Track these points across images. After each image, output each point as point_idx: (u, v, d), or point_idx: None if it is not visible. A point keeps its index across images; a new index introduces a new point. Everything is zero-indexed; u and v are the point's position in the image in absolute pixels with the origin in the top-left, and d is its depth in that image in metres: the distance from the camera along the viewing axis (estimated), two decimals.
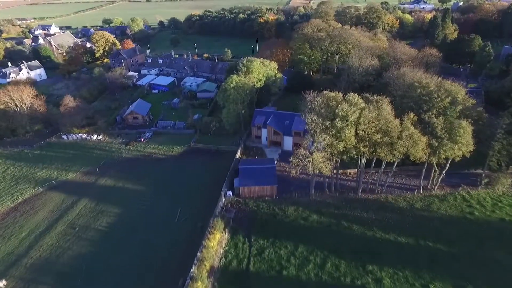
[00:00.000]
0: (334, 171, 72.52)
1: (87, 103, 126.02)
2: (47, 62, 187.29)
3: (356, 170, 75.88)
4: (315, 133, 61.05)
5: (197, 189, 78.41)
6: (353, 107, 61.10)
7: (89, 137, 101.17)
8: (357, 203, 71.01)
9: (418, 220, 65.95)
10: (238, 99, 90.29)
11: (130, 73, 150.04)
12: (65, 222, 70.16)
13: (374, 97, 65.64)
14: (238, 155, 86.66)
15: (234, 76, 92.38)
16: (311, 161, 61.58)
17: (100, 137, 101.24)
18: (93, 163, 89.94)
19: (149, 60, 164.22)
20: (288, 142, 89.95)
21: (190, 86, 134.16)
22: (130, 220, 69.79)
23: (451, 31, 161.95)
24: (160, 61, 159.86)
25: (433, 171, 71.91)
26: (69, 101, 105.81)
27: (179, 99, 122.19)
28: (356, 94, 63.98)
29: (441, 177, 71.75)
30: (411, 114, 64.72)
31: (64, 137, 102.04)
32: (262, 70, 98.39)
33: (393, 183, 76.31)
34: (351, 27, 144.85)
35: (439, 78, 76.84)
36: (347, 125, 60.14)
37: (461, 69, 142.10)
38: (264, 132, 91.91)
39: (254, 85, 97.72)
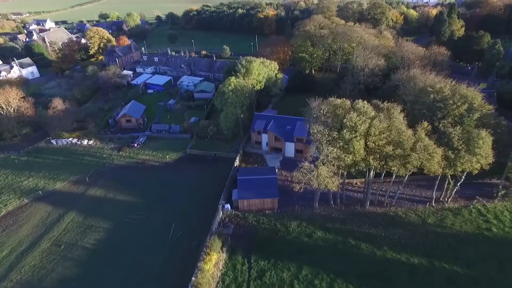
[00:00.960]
0: (340, 181, 67.36)
1: (79, 104, 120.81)
2: (40, 60, 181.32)
3: (363, 180, 70.83)
4: (321, 145, 55.68)
5: (192, 200, 73.28)
6: (362, 116, 55.70)
7: (79, 142, 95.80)
8: (365, 218, 65.93)
9: (432, 238, 60.91)
10: (236, 103, 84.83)
11: (125, 71, 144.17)
12: (50, 238, 65.07)
13: (385, 104, 60.20)
14: (236, 163, 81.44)
15: (233, 78, 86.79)
16: (316, 174, 56.43)
17: (91, 142, 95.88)
18: (83, 171, 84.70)
19: (145, 57, 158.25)
20: (290, 148, 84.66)
21: (187, 86, 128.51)
22: (121, 237, 64.71)
23: (458, 27, 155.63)
24: (156, 59, 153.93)
25: (446, 183, 66.81)
26: (57, 104, 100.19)
27: (175, 100, 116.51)
28: (365, 102, 58.49)
29: (455, 189, 66.64)
30: (425, 123, 59.36)
31: (53, 142, 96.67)
32: (262, 71, 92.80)
33: (403, 195, 71.17)
34: (354, 24, 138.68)
35: (453, 82, 71.29)
36: (356, 136, 54.81)
37: (469, 68, 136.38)
38: (264, 138, 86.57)
39: (254, 87, 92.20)
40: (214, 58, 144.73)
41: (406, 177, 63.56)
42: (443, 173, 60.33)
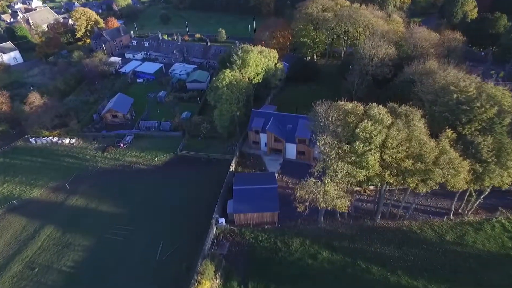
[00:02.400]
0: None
1: (63, 96, 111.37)
2: (23, 43, 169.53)
3: (373, 187, 63.61)
4: (329, 159, 47.69)
5: (183, 211, 65.97)
6: (378, 124, 47.50)
7: (60, 141, 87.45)
8: (376, 234, 58.97)
9: (451, 258, 54.21)
10: (232, 99, 76.03)
11: (112, 58, 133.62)
12: (22, 260, 58.04)
13: (403, 108, 51.75)
14: (232, 167, 73.68)
15: (227, 72, 77.52)
16: (322, 191, 48.81)
17: (73, 141, 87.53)
18: (64, 175, 76.91)
19: (134, 42, 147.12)
20: (291, 150, 76.70)
21: (179, 74, 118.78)
22: (102, 258, 57.68)
23: (471, 8, 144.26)
24: (146, 43, 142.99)
25: (467, 194, 59.53)
26: (34, 99, 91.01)
27: (166, 92, 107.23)
28: (380, 107, 50.00)
29: (477, 202, 59.49)
30: (449, 131, 51.29)
31: (32, 140, 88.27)
32: (260, 62, 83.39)
33: (417, 205, 64.03)
34: (360, 5, 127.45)
35: (478, 77, 62.63)
36: (371, 149, 46.80)
37: (482, 53, 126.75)
38: (263, 138, 78.41)
39: (251, 80, 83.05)
40: (208, 43, 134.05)
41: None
42: (468, 187, 52.86)
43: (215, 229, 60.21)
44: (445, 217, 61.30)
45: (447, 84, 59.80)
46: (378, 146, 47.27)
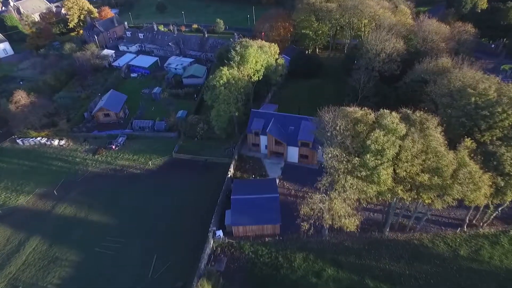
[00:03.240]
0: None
1: (52, 92, 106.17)
2: (14, 34, 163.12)
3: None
4: (337, 174, 43.15)
5: (178, 222, 61.81)
6: (391, 135, 42.81)
7: (49, 143, 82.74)
8: (384, 248, 54.91)
9: (466, 277, 50.30)
10: (230, 99, 71.04)
11: (105, 51, 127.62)
12: (5, 276, 54.16)
13: (417, 115, 46.91)
14: (231, 171, 69.23)
15: (225, 69, 72.25)
16: (327, 208, 44.49)
17: (62, 142, 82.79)
18: (52, 180, 72.53)
19: (128, 33, 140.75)
20: (293, 153, 72.13)
21: (175, 69, 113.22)
22: (91, 276, 53.74)
23: None
24: (141, 35, 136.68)
25: (483, 205, 55.21)
26: (21, 98, 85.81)
27: (161, 88, 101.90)
28: (393, 114, 45.12)
29: (494, 214, 55.33)
30: (468, 140, 46.64)
31: (19, 141, 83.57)
32: (260, 58, 77.96)
33: (429, 215, 59.76)
34: None
35: (498, 79, 57.54)
36: (383, 163, 42.24)
37: (492, 46, 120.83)
38: (263, 140, 73.74)
39: (251, 78, 77.85)
40: (206, 35, 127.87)
41: None
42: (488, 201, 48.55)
43: (212, 242, 56.17)
44: (459, 229, 57.22)
45: (464, 86, 54.87)
46: (391, 159, 42.66)
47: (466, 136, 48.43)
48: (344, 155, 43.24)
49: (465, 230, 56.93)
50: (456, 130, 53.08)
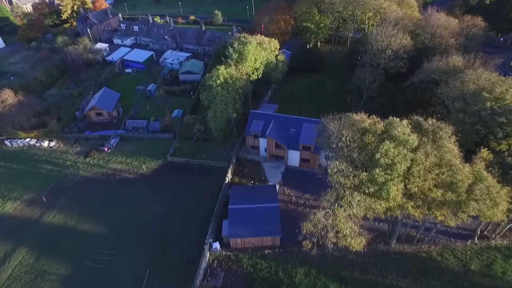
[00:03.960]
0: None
1: (43, 88, 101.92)
2: (5, 26, 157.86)
3: None
4: (343, 190, 39.69)
5: (173, 231, 58.59)
6: (402, 148, 39.19)
7: (38, 144, 78.95)
8: (390, 262, 51.86)
9: None
10: (227, 100, 67.19)
11: (99, 45, 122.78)
12: None
13: (429, 123, 43.19)
14: (228, 177, 65.77)
15: (222, 68, 68.14)
16: (331, 224, 41.17)
17: (52, 143, 79.02)
18: (41, 184, 69.08)
19: (123, 26, 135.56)
20: (294, 156, 68.54)
21: (171, 64, 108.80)
22: None
23: None
24: (135, 27, 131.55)
25: None
26: (7, 97, 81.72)
27: (156, 85, 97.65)
28: (404, 123, 41.38)
29: (509, 226, 52.10)
30: (484, 151, 43.09)
31: (7, 143, 79.76)
32: (259, 55, 73.73)
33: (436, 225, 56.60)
34: None
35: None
36: (393, 178, 38.72)
37: (501, 39, 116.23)
38: (262, 142, 70.08)
39: (250, 76, 73.79)
40: (203, 28, 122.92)
41: None
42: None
43: (208, 255, 53.07)
44: (469, 240, 54.02)
45: (479, 89, 51.08)
46: (401, 174, 39.13)
47: (481, 145, 44.95)
48: (351, 169, 39.70)
49: (476, 242, 53.79)
50: (470, 137, 49.65)
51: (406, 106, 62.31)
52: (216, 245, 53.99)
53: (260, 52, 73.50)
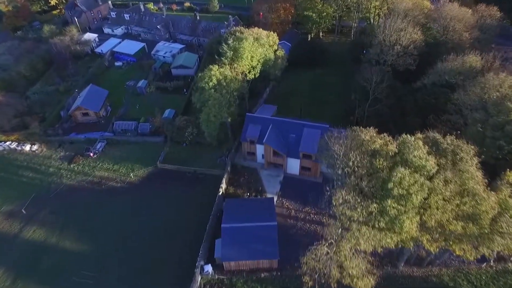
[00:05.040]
0: None
1: (28, 84, 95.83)
2: None
3: None
4: (350, 223, 34.66)
5: (162, 249, 54.09)
6: (419, 175, 33.93)
7: (19, 148, 73.62)
8: (398, 286, 47.53)
9: None
10: (222, 103, 61.39)
11: (87, 35, 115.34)
12: None
13: (448, 142, 37.68)
14: (222, 188, 60.76)
15: (215, 68, 62.02)
16: (336, 257, 36.41)
17: (35, 147, 73.66)
18: (21, 195, 64.19)
19: (113, 14, 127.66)
20: (293, 164, 63.40)
21: (164, 57, 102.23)
22: None
23: None
24: (126, 16, 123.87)
25: None
26: None
27: (147, 81, 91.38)
28: (419, 143, 35.90)
29: None
30: (511, 174, 37.81)
31: None
32: (256, 52, 67.42)
33: None
34: None
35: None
36: (407, 211, 33.62)
37: None
38: (259, 149, 64.77)
39: (246, 75, 67.74)
40: (198, 17, 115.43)
41: None
42: None
43: (199, 279, 48.68)
44: (484, 263, 49.46)
45: (502, 98, 45.32)
46: (417, 205, 34.02)
47: (503, 160, 39.67)
48: (359, 200, 34.55)
49: (491, 264, 49.27)
50: (491, 153, 44.21)
51: (416, 111, 56.65)
52: (208, 268, 49.53)
53: (257, 49, 67.18)
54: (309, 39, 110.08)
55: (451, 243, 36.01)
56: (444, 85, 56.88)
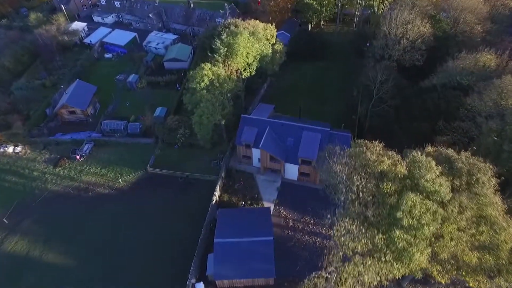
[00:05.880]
0: None
1: (12, 77, 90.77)
2: None
3: None
4: (352, 255, 31.06)
5: (151, 264, 50.84)
6: (431, 202, 30.11)
7: (2, 149, 69.52)
8: None
9: None
10: (215, 105, 57.00)
11: (76, 24, 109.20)
12: None
13: (464, 161, 33.67)
14: (216, 195, 57.14)
15: (207, 67, 57.25)
16: (336, 286, 33.10)
17: (18, 149, 69.57)
18: (3, 202, 60.51)
19: (103, 1, 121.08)
20: (291, 170, 59.62)
21: (156, 48, 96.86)
22: None
23: None
24: (117, 3, 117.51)
25: None
26: None
27: (138, 76, 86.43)
28: (432, 164, 31.87)
29: None
30: None
31: None
32: (252, 48, 62.43)
33: None
34: None
35: None
36: (418, 243, 29.99)
37: None
38: (255, 153, 60.84)
39: (241, 73, 63.09)
40: (191, 4, 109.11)
41: None
42: None
43: None
44: (496, 278, 46.29)
45: None
46: (429, 237, 30.37)
47: None
48: (363, 229, 30.84)
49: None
50: (507, 167, 40.31)
51: (425, 115, 52.41)
52: (200, 286, 46.44)
53: (253, 45, 62.16)
54: (309, 29, 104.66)
55: (464, 273, 32.58)
56: (455, 87, 52.29)
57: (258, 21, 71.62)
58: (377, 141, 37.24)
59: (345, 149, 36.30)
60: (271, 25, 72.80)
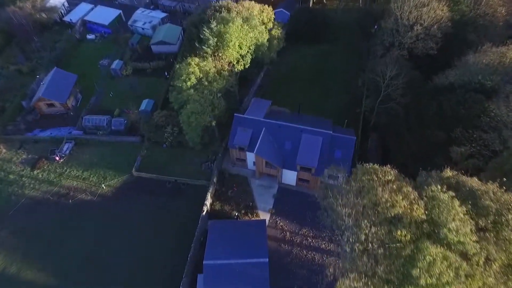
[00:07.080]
0: None
1: None
2: None
3: None
4: None
5: (136, 285, 47.18)
6: (455, 255, 25.25)
7: None
8: None
9: None
10: (204, 105, 50.81)
11: (53, 0, 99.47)
12: None
13: (491, 197, 28.43)
14: (207, 205, 52.49)
15: (194, 63, 50.31)
16: None
17: None
18: None
19: None
20: (289, 175, 54.56)
21: (143, 29, 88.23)
22: None
23: None
24: None
25: None
26: None
27: (122, 62, 78.91)
28: (455, 203, 26.71)
29: None
30: None
31: None
32: (246, 38, 54.97)
33: None
34: None
35: None
36: None
37: None
38: (250, 156, 55.43)
39: (234, 66, 56.16)
40: None
41: None
42: None
43: None
44: None
45: None
46: None
47: None
48: (372, 286, 26.17)
49: None
50: None
51: (440, 122, 46.41)
52: None
53: (246, 34, 54.67)
54: (310, 5, 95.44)
55: None
56: (477, 89, 45.62)
57: (253, 1, 63.57)
58: (388, 166, 31.77)
59: (350, 177, 30.86)
60: (268, 6, 64.73)
